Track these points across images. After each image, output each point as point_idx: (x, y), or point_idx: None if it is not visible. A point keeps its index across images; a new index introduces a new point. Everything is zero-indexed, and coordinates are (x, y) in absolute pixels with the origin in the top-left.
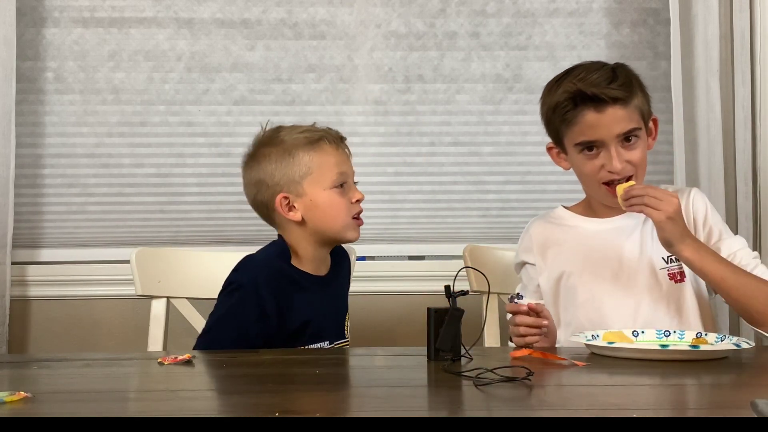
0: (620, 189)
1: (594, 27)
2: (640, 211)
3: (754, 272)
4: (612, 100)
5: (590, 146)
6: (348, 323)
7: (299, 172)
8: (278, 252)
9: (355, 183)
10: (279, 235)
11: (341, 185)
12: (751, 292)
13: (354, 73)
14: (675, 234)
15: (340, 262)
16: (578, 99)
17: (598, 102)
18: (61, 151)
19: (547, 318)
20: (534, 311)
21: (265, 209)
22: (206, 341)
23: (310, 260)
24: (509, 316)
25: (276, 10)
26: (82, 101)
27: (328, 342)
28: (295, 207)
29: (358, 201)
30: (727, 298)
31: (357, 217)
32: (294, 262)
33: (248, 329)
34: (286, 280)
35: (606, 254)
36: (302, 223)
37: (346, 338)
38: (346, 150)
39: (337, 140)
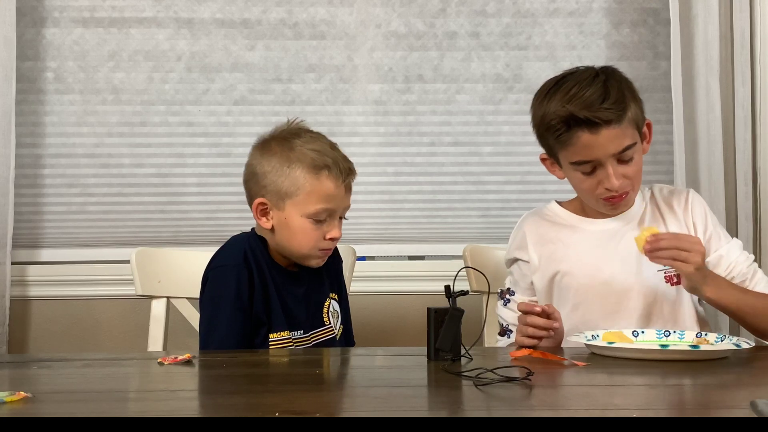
0: (641, 240)
1: (594, 27)
2: (668, 265)
3: (756, 285)
4: (606, 123)
5: (586, 165)
6: (330, 309)
7: (287, 189)
8: (256, 240)
9: (343, 219)
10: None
11: (321, 218)
12: (762, 312)
13: (354, 73)
14: (700, 280)
15: None
16: (571, 122)
17: (591, 124)
18: (61, 151)
19: (557, 320)
20: (546, 313)
21: (248, 197)
22: (215, 339)
23: (281, 258)
24: (500, 307)
25: (276, 10)
26: (82, 101)
27: (302, 331)
28: (269, 215)
29: (332, 240)
30: (741, 322)
31: (325, 249)
32: (270, 251)
33: (246, 302)
34: (263, 267)
35: (602, 255)
36: (271, 230)
37: (326, 325)
38: (348, 185)
39: (343, 174)
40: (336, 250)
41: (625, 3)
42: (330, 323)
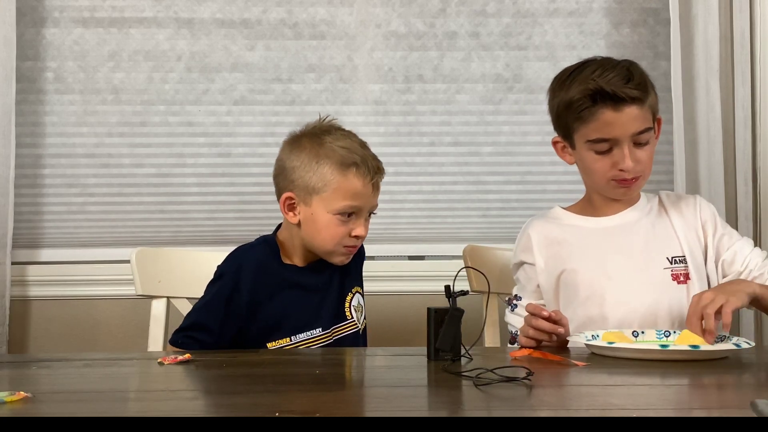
0: (691, 336)
1: (594, 27)
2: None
3: None
4: (630, 100)
5: (603, 144)
6: (353, 302)
7: (315, 185)
8: (266, 247)
9: (372, 215)
10: (276, 228)
11: (347, 215)
12: None
13: (354, 73)
14: (748, 289)
15: None
16: (597, 96)
17: (616, 101)
18: (61, 151)
19: (564, 326)
20: (552, 319)
21: (277, 191)
22: (187, 328)
23: (299, 255)
24: (508, 314)
25: (276, 10)
26: (82, 101)
27: (321, 329)
28: (296, 210)
29: (358, 237)
30: None
31: (350, 246)
32: (282, 256)
33: (223, 315)
34: (271, 275)
35: (607, 252)
36: (298, 225)
37: (349, 319)
38: (376, 183)
39: (371, 172)
40: (362, 245)
41: (625, 3)
42: (353, 317)
